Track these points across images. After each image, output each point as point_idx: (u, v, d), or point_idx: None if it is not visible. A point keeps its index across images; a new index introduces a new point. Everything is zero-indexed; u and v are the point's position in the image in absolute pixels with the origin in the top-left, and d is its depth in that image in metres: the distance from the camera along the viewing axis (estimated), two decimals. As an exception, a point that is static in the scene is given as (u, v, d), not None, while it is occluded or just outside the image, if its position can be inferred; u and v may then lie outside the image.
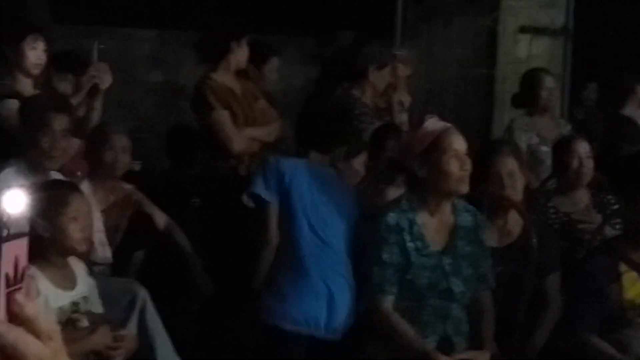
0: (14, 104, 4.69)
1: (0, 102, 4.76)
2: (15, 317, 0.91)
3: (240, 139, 5.52)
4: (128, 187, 5.13)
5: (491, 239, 4.44)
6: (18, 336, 0.90)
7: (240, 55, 5.71)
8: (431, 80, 7.73)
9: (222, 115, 5.53)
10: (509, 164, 4.55)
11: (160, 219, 5.09)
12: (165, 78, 8.03)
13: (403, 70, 6.58)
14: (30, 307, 0.92)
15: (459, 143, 4.17)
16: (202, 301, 5.14)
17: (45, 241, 3.66)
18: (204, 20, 6.15)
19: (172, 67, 7.83)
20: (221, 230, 5.24)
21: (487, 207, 4.46)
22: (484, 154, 4.67)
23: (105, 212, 4.90)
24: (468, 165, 4.14)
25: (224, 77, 5.67)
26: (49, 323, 0.95)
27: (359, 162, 5.36)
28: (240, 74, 5.82)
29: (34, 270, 3.58)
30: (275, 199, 4.55)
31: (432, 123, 4.28)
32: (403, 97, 6.48)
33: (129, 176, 5.44)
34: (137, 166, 6.24)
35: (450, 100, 7.66)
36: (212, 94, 5.56)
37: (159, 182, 5.93)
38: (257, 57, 6.16)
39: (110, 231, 4.92)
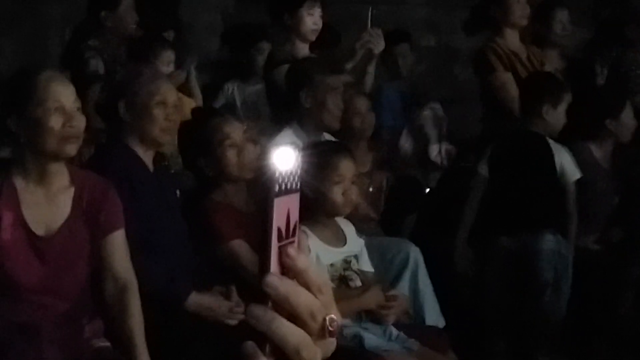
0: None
1: (279, 67, 4.91)
2: (287, 270, 0.92)
3: None
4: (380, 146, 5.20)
5: None
6: (290, 288, 0.92)
7: (519, 13, 5.62)
8: None
9: (506, 77, 5.50)
10: None
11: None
12: (439, 42, 8.02)
13: None
14: (302, 260, 0.93)
15: None
16: None
17: (310, 201, 3.69)
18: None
19: (446, 31, 7.80)
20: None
21: None
22: None
23: (367, 174, 4.98)
24: None
25: (508, 41, 5.62)
26: (320, 276, 0.95)
27: (628, 116, 5.26)
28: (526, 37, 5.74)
29: (304, 228, 3.68)
30: None
31: None
32: None
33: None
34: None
35: None
36: (494, 56, 5.54)
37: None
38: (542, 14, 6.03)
39: (374, 193, 5.00)
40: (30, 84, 3.29)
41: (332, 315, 0.95)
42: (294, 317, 0.93)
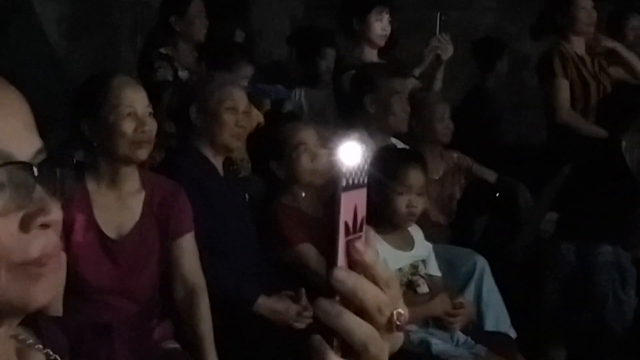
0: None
1: (347, 72, 4.92)
2: (354, 265, 0.93)
3: (569, 112, 5.43)
4: (456, 154, 5.17)
5: None
6: (357, 282, 0.92)
7: (585, 21, 5.57)
8: None
9: (561, 84, 5.46)
10: None
11: (491, 176, 5.15)
12: (508, 48, 7.96)
13: None
14: (369, 255, 0.93)
15: None
16: None
17: (375, 206, 3.66)
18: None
19: (515, 36, 7.75)
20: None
21: None
22: None
23: (439, 182, 4.96)
24: None
25: (574, 46, 5.58)
26: (387, 271, 0.95)
27: None
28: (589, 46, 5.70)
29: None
30: None
31: None
32: None
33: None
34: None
35: None
36: (559, 60, 5.50)
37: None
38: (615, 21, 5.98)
39: (445, 200, 4.99)
40: (104, 89, 3.34)
41: (400, 310, 0.95)
42: (361, 312, 0.93)
